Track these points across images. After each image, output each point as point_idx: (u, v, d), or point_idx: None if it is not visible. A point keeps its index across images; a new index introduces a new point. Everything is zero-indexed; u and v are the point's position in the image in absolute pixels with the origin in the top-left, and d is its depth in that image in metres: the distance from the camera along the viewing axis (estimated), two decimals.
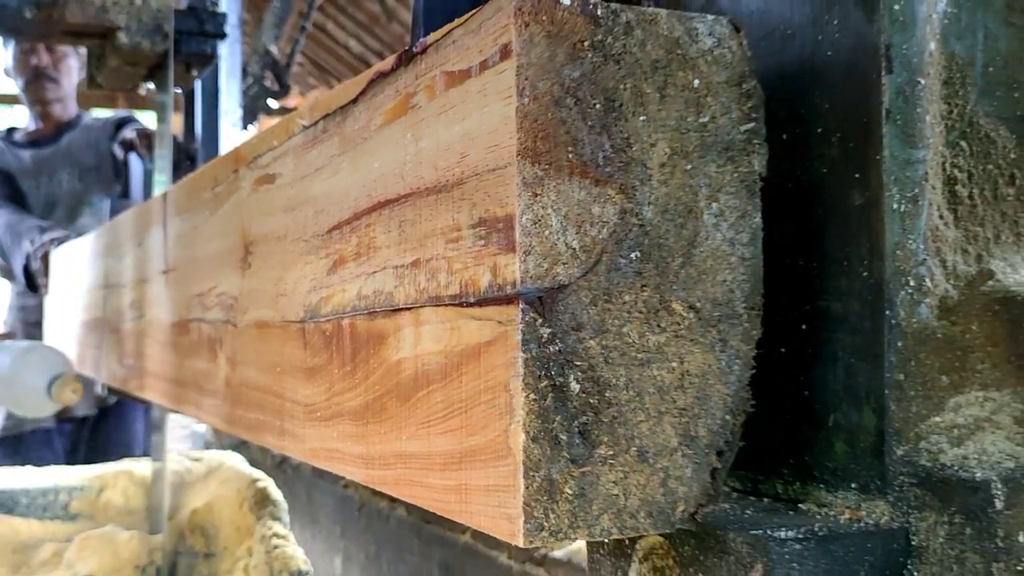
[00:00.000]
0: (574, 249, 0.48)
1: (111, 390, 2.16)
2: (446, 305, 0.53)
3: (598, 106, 0.49)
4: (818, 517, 0.53)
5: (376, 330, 0.62)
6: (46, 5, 1.69)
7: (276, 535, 1.42)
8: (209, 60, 2.05)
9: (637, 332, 0.49)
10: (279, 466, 2.21)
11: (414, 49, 0.57)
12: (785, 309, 0.57)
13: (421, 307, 0.56)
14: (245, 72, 2.65)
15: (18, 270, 2.63)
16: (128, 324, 1.40)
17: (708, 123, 0.51)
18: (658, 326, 0.50)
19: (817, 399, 0.56)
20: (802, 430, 0.57)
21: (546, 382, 0.47)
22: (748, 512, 0.54)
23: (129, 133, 2.51)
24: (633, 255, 0.49)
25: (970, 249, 0.54)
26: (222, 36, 2.03)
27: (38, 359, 1.83)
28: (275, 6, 2.68)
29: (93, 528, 1.65)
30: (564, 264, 0.47)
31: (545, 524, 0.46)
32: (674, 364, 0.50)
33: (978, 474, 0.49)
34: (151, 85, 2.01)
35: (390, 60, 0.61)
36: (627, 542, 0.58)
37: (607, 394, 0.48)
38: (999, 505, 0.48)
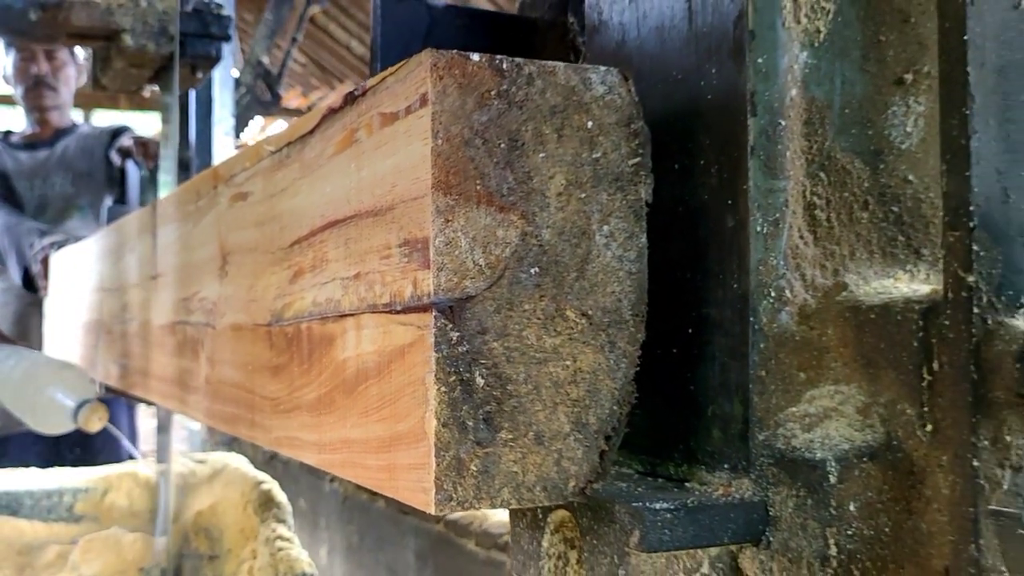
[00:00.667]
0: (480, 266, 0.57)
1: (108, 389, 2.25)
2: (380, 312, 0.62)
3: (503, 145, 0.58)
4: (696, 492, 0.62)
5: (327, 333, 0.71)
6: (51, 7, 1.71)
7: (280, 537, 1.42)
8: (214, 62, 2.07)
9: (535, 335, 0.58)
10: (269, 462, 2.30)
11: (356, 92, 0.67)
12: (675, 316, 0.67)
13: (361, 314, 0.65)
14: (238, 82, 2.74)
15: (13, 270, 2.72)
16: (122, 326, 1.49)
17: (600, 158, 0.61)
18: (554, 330, 0.59)
19: (699, 393, 0.65)
20: (688, 420, 0.66)
21: (455, 377, 0.56)
22: (639, 489, 0.64)
23: (126, 141, 2.61)
24: (533, 270, 0.58)
25: (827, 264, 0.64)
26: (227, 38, 2.05)
27: (70, 380, 1.81)
28: (267, 19, 2.77)
29: (98, 530, 1.66)
30: (472, 279, 0.57)
31: (454, 496, 0.56)
32: (568, 362, 0.59)
33: (818, 455, 0.58)
34: (155, 87, 2.08)
35: (339, 99, 0.70)
36: (540, 516, 0.68)
37: (508, 387, 0.57)
38: (832, 480, 0.57)
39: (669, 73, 0.68)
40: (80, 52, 3.07)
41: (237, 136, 2.72)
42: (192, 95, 2.50)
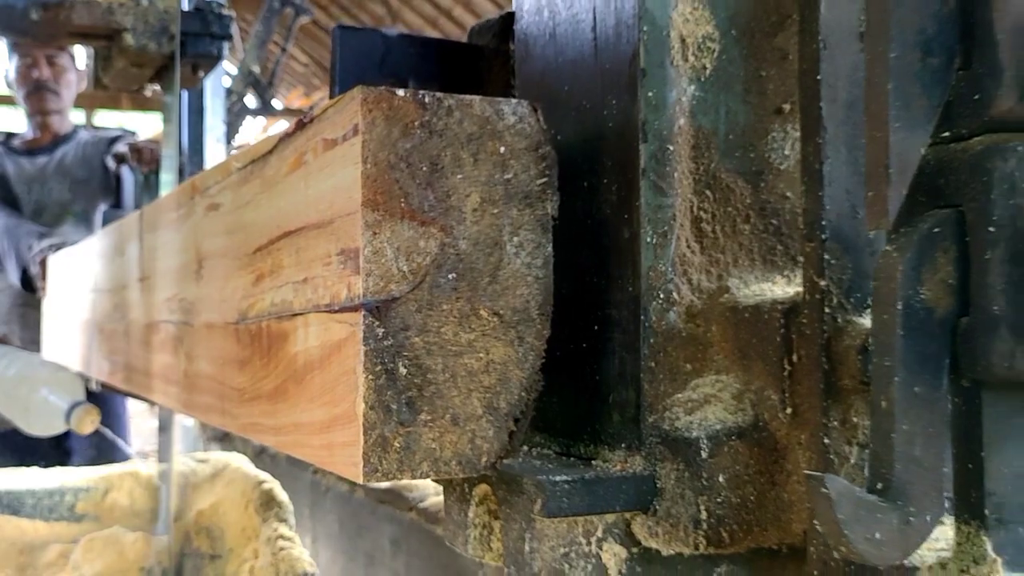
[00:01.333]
0: (404, 272, 0.67)
1: (103, 385, 2.35)
2: (322, 312, 0.72)
3: (424, 168, 0.68)
4: (596, 468, 0.72)
5: (282, 330, 0.81)
6: (53, 6, 1.70)
7: (282, 537, 1.42)
8: (215, 61, 2.06)
9: (452, 331, 0.68)
10: (258, 456, 2.40)
11: (305, 120, 0.76)
12: (584, 315, 0.76)
13: (309, 313, 0.75)
14: (229, 91, 2.83)
15: (12, 271, 2.83)
16: (113, 325, 1.59)
17: (511, 179, 0.70)
18: (469, 327, 0.68)
19: (602, 382, 0.75)
20: (593, 406, 0.76)
21: (381, 367, 0.66)
22: (548, 465, 0.73)
23: (122, 147, 2.71)
24: (450, 276, 0.68)
25: (712, 270, 0.73)
26: (228, 37, 2.04)
27: (63, 382, 1.85)
28: (257, 30, 2.85)
29: (99, 529, 1.66)
30: (396, 283, 0.66)
31: (379, 468, 0.65)
32: (481, 355, 0.69)
33: (694, 434, 0.68)
34: (156, 87, 2.12)
35: (293, 125, 0.80)
36: (467, 490, 0.77)
37: (428, 376, 0.67)
38: (704, 455, 0.67)
39: (580, 103, 0.78)
40: (80, 58, 3.18)
41: (228, 142, 2.82)
42: (184, 103, 2.59)
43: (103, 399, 2.88)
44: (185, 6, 2.08)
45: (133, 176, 2.62)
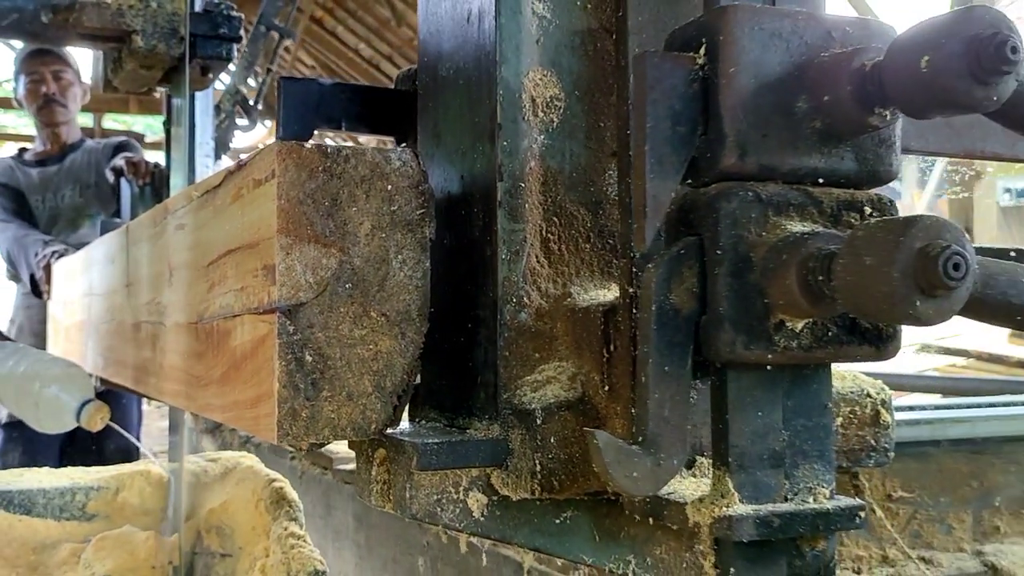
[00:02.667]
0: (310, 282, 0.87)
1: (103, 381, 2.55)
2: (253, 313, 0.92)
3: (326, 203, 0.88)
4: (468, 434, 0.92)
5: (227, 328, 1.01)
6: (63, 9, 1.70)
7: (292, 535, 1.43)
8: (225, 63, 2.04)
9: (348, 328, 0.88)
10: (244, 445, 2.61)
11: (242, 162, 0.97)
12: (462, 315, 0.97)
13: (244, 314, 0.95)
14: (218, 109, 3.04)
15: (25, 278, 3.04)
16: (104, 325, 1.80)
17: (396, 210, 0.91)
18: (361, 325, 0.89)
19: (473, 368, 0.95)
20: (468, 387, 0.96)
21: (291, 356, 0.86)
22: (429, 432, 0.93)
23: (119, 161, 2.92)
24: (347, 286, 0.88)
25: (558, 280, 0.94)
26: (237, 39, 2.03)
27: (73, 379, 1.84)
28: (244, 52, 3.06)
29: (110, 528, 1.67)
30: (303, 291, 0.87)
31: (290, 433, 0.86)
32: (371, 346, 0.89)
33: (533, 406, 0.88)
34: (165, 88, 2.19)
35: (234, 165, 1.00)
36: (371, 454, 0.97)
37: (328, 362, 0.87)
38: (539, 423, 0.87)
39: (459, 148, 0.98)
40: (84, 71, 3.40)
41: (218, 158, 3.02)
42: (176, 121, 2.80)
43: (114, 396, 3.09)
44: (196, 7, 2.07)
45: (130, 188, 2.83)
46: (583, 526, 0.95)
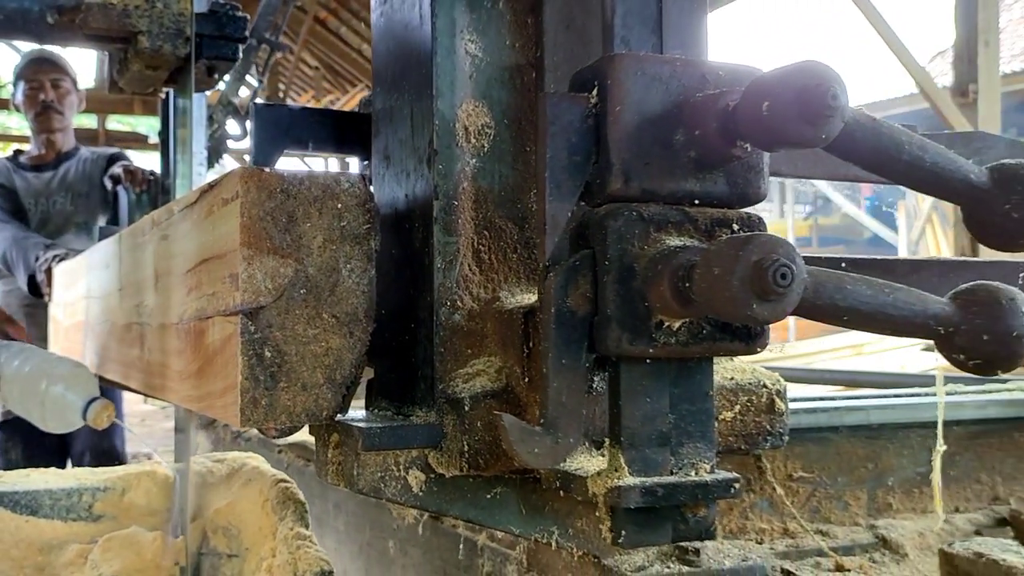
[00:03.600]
0: (269, 288, 1.01)
1: (100, 379, 2.69)
2: (222, 315, 1.06)
3: (284, 219, 1.02)
4: (409, 420, 1.06)
5: (202, 328, 1.15)
6: (68, 10, 1.70)
7: (299, 536, 1.42)
8: (231, 63, 2.04)
9: (303, 328, 1.02)
10: (234, 440, 2.75)
11: (213, 184, 1.11)
12: (407, 316, 1.10)
13: (215, 316, 1.09)
14: (211, 119, 3.18)
15: (22, 278, 3.19)
16: (100, 326, 1.94)
17: (346, 225, 1.04)
18: (315, 325, 1.02)
19: (416, 363, 1.09)
20: (412, 379, 1.10)
21: (252, 352, 1.00)
22: (377, 419, 1.07)
23: (117, 169, 3.06)
24: (302, 291, 1.02)
25: (488, 286, 1.07)
26: (243, 40, 2.05)
27: (78, 378, 1.83)
28: (236, 65, 3.19)
29: (117, 529, 1.68)
30: (263, 296, 1.00)
31: (252, 418, 0.99)
32: (323, 344, 1.03)
33: (463, 395, 1.01)
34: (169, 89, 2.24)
35: (207, 185, 1.14)
36: (327, 438, 1.11)
37: (285, 357, 1.01)
38: (467, 409, 1.01)
39: (405, 170, 1.12)
40: (86, 76, 3.54)
41: (210, 166, 3.16)
42: (171, 132, 2.94)
43: (107, 392, 3.23)
44: (201, 8, 2.09)
45: (127, 195, 2.97)
46: (511, 501, 1.09)
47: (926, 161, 0.84)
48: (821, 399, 1.28)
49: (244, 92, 4.01)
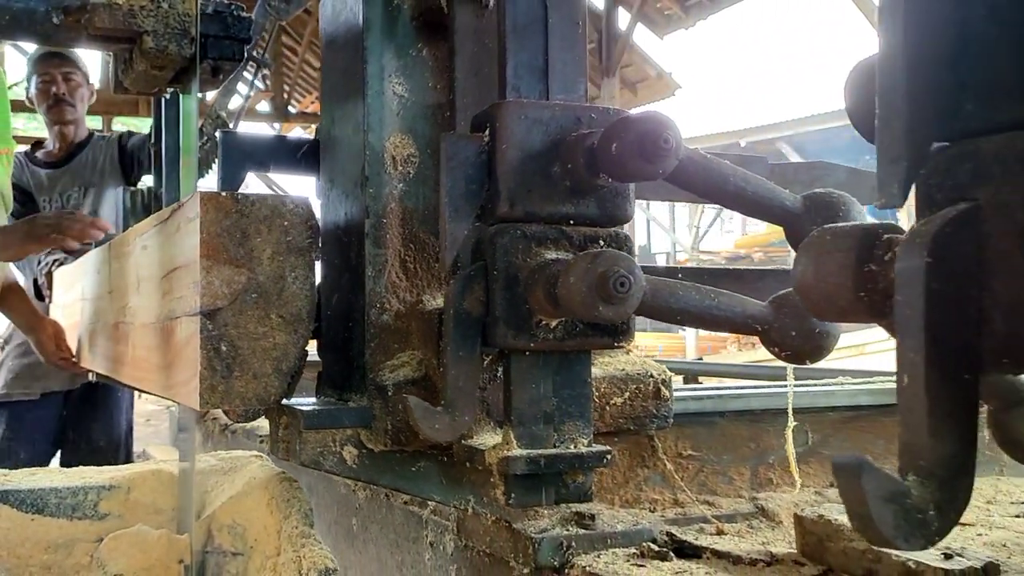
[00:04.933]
0: (226, 293, 1.20)
1: (99, 376, 2.88)
2: (187, 316, 1.26)
3: (238, 235, 1.21)
4: (346, 405, 1.25)
5: (173, 327, 1.34)
6: (74, 11, 1.70)
7: (303, 533, 1.43)
8: (236, 63, 2.02)
9: (254, 326, 1.21)
10: (222, 432, 2.95)
11: (180, 204, 1.30)
12: (347, 317, 1.30)
13: (182, 317, 1.29)
14: (201, 131, 3.37)
15: (27, 284, 3.38)
16: (93, 325, 2.14)
17: (291, 239, 1.24)
18: (264, 324, 1.22)
19: (353, 356, 1.28)
20: (350, 370, 1.29)
21: (210, 347, 1.19)
22: (318, 403, 1.27)
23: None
24: (253, 295, 1.22)
25: (413, 291, 1.27)
26: (248, 40, 2.04)
27: None
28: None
29: (123, 527, 1.68)
30: (220, 299, 1.20)
31: (210, 402, 1.19)
32: (272, 339, 1.22)
33: (388, 383, 1.21)
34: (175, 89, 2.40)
35: (177, 205, 1.33)
36: (278, 419, 1.31)
37: (239, 351, 1.21)
38: (390, 394, 1.20)
39: (346, 191, 1.31)
40: (91, 73, 3.72)
41: (202, 175, 3.35)
42: (163, 144, 3.14)
43: (109, 388, 3.42)
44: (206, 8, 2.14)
45: (124, 201, 3.16)
46: (433, 473, 1.28)
47: (748, 191, 1.03)
48: (711, 389, 1.45)
49: (236, 102, 4.21)
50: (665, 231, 19.40)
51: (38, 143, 3.83)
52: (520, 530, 1.24)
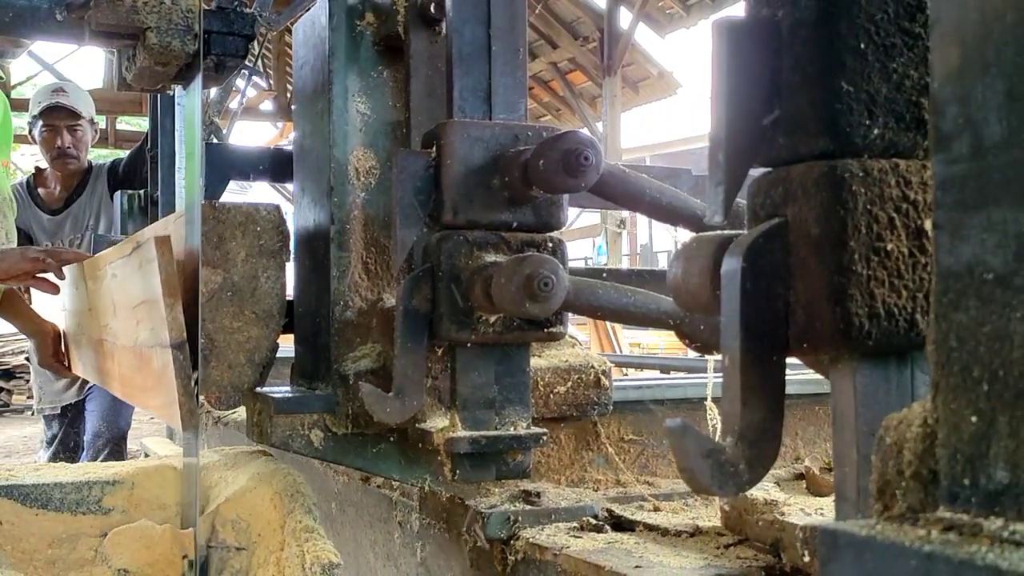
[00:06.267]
0: (203, 292, 1.34)
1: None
2: (161, 347, 1.39)
3: (215, 239, 1.35)
4: (313, 392, 1.38)
5: (149, 354, 1.48)
6: (77, 7, 1.71)
7: (307, 528, 1.44)
8: (239, 59, 2.03)
9: (229, 322, 1.35)
10: (216, 423, 3.08)
11: (138, 243, 1.44)
12: (316, 314, 1.43)
13: (155, 347, 1.42)
14: None
15: None
16: (77, 336, 2.27)
17: (263, 243, 1.37)
18: (239, 320, 1.35)
19: (319, 349, 1.41)
20: (318, 362, 1.42)
21: (185, 375, 1.33)
22: (289, 391, 1.40)
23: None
24: (228, 294, 1.35)
25: (374, 289, 1.40)
26: (252, 37, 2.04)
27: None
28: (218, 88, 3.55)
29: (127, 522, 1.68)
30: (199, 297, 1.33)
31: (191, 423, 1.32)
32: (246, 334, 1.36)
33: (349, 372, 1.34)
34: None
35: (136, 244, 1.47)
36: (253, 406, 1.44)
37: (216, 345, 1.34)
38: (351, 382, 1.34)
39: (315, 199, 1.45)
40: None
41: None
42: (159, 149, 3.27)
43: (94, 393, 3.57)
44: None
45: (120, 204, 3.29)
46: (392, 454, 1.42)
47: (663, 201, 1.16)
48: (650, 379, 1.57)
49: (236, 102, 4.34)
50: (667, 229, 19.57)
51: (39, 173, 3.85)
52: (472, 506, 1.37)
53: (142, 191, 3.33)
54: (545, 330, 1.23)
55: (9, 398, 9.85)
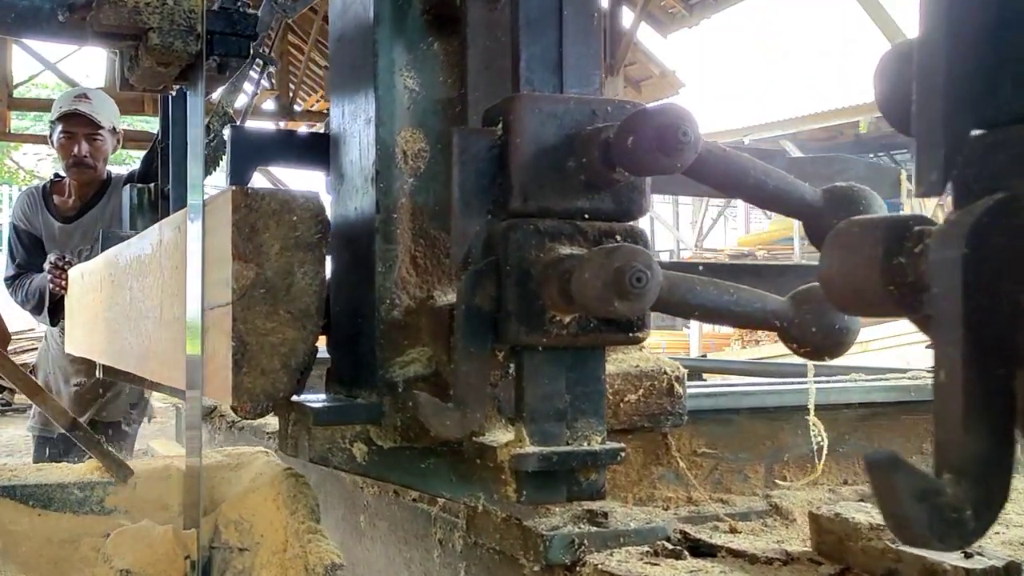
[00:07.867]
0: (234, 288, 1.19)
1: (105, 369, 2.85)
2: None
3: (247, 230, 1.20)
4: (355, 401, 1.24)
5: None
6: (79, 8, 1.71)
7: (310, 529, 1.43)
8: (242, 60, 2.00)
9: (262, 322, 1.20)
10: (230, 428, 2.93)
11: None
12: (357, 314, 1.28)
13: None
14: (208, 129, 3.36)
15: (45, 318, 3.39)
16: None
17: (300, 235, 1.22)
18: (272, 320, 1.21)
19: (362, 353, 1.27)
20: (359, 366, 1.28)
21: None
22: (328, 399, 1.25)
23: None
24: (261, 291, 1.20)
25: (423, 287, 1.25)
26: (254, 37, 2.02)
27: None
28: (232, 78, 3.37)
29: (129, 523, 1.68)
30: (231, 295, 1.18)
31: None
32: (280, 335, 1.21)
33: (398, 379, 1.19)
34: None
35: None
36: (287, 416, 1.29)
37: (248, 347, 1.19)
38: (400, 391, 1.19)
39: (356, 187, 1.30)
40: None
41: (208, 174, 3.33)
42: (170, 141, 3.12)
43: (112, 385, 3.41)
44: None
45: (129, 199, 3.15)
46: (443, 470, 1.27)
47: (769, 184, 1.01)
48: (724, 386, 1.43)
49: (241, 100, 4.21)
50: (668, 229, 19.41)
51: (56, 180, 3.71)
52: (531, 527, 1.22)
53: (152, 184, 3.19)
54: (630, 333, 1.08)
55: (12, 397, 9.74)
